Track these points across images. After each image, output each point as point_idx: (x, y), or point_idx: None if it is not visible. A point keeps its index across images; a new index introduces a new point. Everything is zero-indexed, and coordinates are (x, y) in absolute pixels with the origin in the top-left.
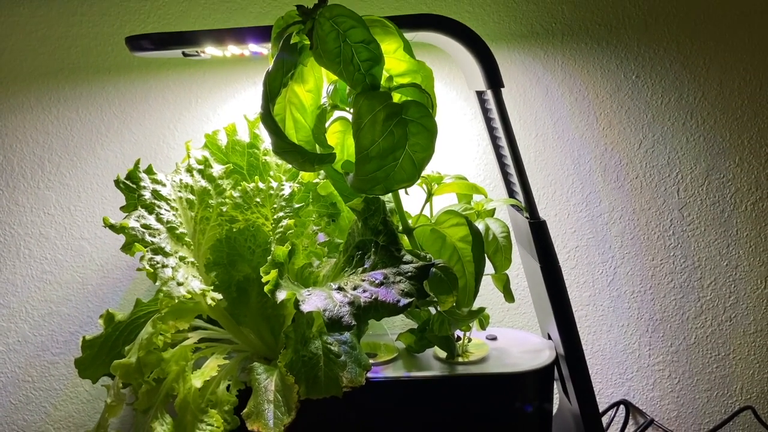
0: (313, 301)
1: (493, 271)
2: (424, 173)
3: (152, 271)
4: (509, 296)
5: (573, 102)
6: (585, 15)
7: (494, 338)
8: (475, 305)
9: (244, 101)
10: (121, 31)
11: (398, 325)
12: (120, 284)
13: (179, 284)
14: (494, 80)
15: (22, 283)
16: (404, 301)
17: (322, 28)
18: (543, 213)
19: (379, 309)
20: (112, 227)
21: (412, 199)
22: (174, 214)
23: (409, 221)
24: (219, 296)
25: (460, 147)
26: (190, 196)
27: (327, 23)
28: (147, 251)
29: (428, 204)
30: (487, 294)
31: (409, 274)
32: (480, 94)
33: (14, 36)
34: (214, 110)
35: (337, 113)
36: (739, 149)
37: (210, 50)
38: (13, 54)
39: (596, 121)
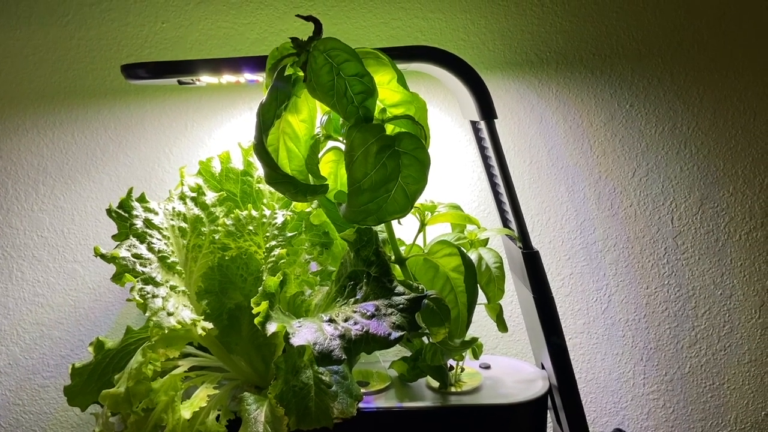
0: (304, 334)
1: (486, 301)
2: (417, 202)
3: (142, 301)
4: (502, 326)
5: (567, 130)
6: (579, 44)
7: (488, 367)
8: (468, 334)
9: (239, 125)
10: (118, 56)
11: (391, 352)
12: (112, 308)
13: (169, 314)
14: (488, 112)
15: (14, 306)
16: (395, 334)
17: (315, 62)
18: (537, 240)
19: (369, 342)
20: (103, 257)
21: (405, 228)
22: (166, 243)
23: (402, 250)
24: (210, 326)
25: (455, 173)
26: (183, 224)
27: (321, 56)
28: (137, 281)
29: (421, 233)
30: (481, 321)
31: (401, 306)
32: (474, 124)
33: (11, 59)
34: (209, 134)
35: (330, 143)
36: (733, 179)
37: (205, 78)
38: (10, 77)
39: (590, 149)
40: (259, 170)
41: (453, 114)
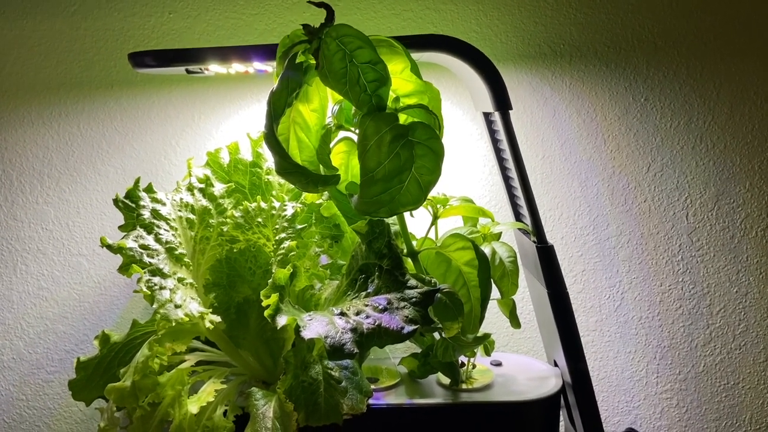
0: (315, 327)
1: (498, 296)
2: (429, 195)
3: (149, 293)
4: (515, 322)
5: (581, 124)
6: (594, 36)
7: (499, 364)
8: (480, 330)
9: (247, 118)
10: (125, 46)
11: (401, 348)
12: (117, 302)
13: (177, 306)
14: (502, 102)
15: (18, 300)
16: (408, 328)
17: (328, 48)
18: (549, 236)
19: (382, 336)
20: (109, 247)
21: (417, 221)
22: (173, 234)
23: (414, 243)
24: (218, 319)
25: (466, 167)
26: (191, 216)
27: (333, 43)
28: (144, 273)
29: (433, 226)
30: (491, 317)
31: (414, 299)
32: (487, 116)
33: (17, 50)
34: (216, 126)
35: (341, 133)
36: (750, 174)
37: (214, 67)
38: (15, 68)
39: (604, 144)
40: (269, 161)
41: (464, 107)
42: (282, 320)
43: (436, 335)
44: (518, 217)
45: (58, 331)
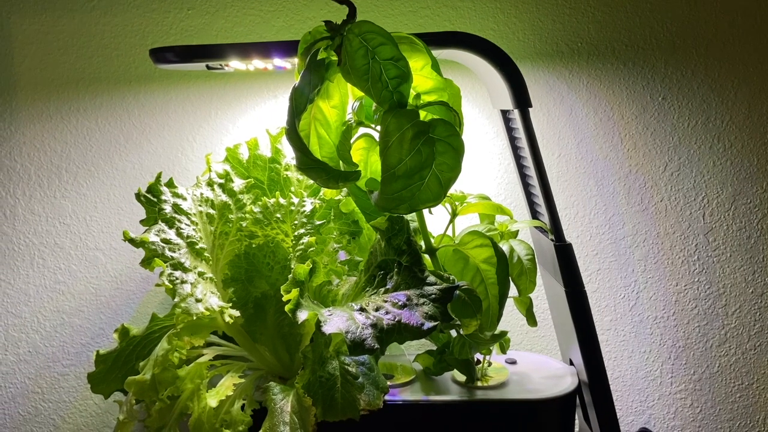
0: (335, 322)
1: (515, 294)
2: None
3: (171, 287)
4: (532, 320)
5: (597, 122)
6: (611, 35)
7: (514, 362)
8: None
9: (263, 114)
10: (144, 42)
11: (415, 345)
12: (133, 296)
13: (197, 301)
14: (522, 100)
15: (35, 293)
16: (428, 324)
17: (350, 45)
18: (565, 234)
19: (402, 332)
20: (131, 241)
21: (434, 219)
22: (194, 229)
23: (432, 241)
24: (237, 313)
25: (482, 165)
26: (210, 211)
27: (356, 39)
28: (167, 267)
29: (451, 224)
30: (505, 315)
31: (433, 296)
32: (505, 113)
33: (36, 44)
34: (233, 122)
35: (361, 130)
36: (767, 175)
37: (234, 64)
38: (34, 62)
39: (621, 143)
40: (287, 157)
41: (480, 105)
42: (303, 315)
43: (453, 332)
44: (535, 215)
45: (74, 325)
